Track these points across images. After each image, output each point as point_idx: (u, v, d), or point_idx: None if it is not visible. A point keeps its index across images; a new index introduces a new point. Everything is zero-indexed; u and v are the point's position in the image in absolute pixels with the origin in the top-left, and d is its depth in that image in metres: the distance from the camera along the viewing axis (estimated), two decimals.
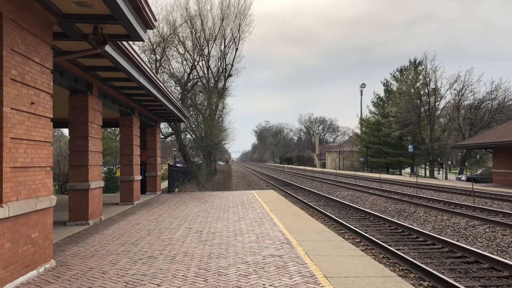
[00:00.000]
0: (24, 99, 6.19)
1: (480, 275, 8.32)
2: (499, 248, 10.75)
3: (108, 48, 8.62)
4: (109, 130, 49.13)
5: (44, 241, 6.83)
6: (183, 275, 6.34)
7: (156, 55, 35.39)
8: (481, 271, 8.58)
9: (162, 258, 7.44)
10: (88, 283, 6.03)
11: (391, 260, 9.53)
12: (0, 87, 5.66)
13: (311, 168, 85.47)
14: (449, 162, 64.65)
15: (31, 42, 6.38)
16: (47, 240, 6.92)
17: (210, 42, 41.78)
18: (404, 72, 63.91)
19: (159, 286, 5.84)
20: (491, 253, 9.95)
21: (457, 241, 11.47)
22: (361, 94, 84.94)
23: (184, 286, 5.81)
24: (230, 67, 44.84)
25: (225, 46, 43.75)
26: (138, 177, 17.59)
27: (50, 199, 6.99)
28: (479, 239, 11.88)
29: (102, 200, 12.88)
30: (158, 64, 35.53)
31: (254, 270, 6.56)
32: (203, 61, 42.60)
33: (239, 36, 44.01)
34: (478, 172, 42.50)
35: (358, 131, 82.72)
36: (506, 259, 9.28)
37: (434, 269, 8.30)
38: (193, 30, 39.89)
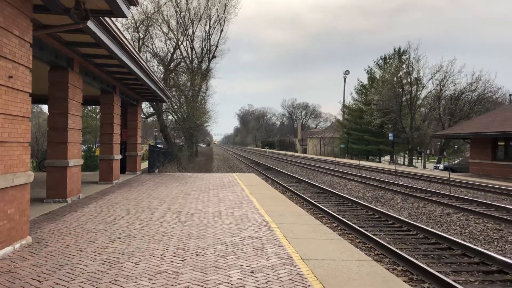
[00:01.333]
0: (2, 72, 6.05)
1: (452, 261, 8.55)
2: (472, 236, 11.04)
3: (90, 24, 8.44)
4: (89, 108, 48.46)
5: (21, 217, 6.75)
6: (161, 255, 6.36)
7: (139, 33, 34.83)
8: (453, 257, 8.82)
9: (140, 238, 7.44)
10: (65, 260, 6.01)
11: (367, 245, 9.71)
12: None
13: (292, 153, 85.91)
14: (428, 151, 65.78)
15: (10, 13, 6.20)
16: (23, 216, 6.85)
17: (194, 22, 41.28)
18: (388, 61, 64.26)
19: (137, 264, 5.85)
20: (464, 240, 10.22)
21: (431, 228, 11.73)
22: (345, 81, 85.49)
23: (162, 265, 5.84)
24: (214, 48, 44.46)
25: (210, 27, 43.31)
26: (118, 156, 17.43)
27: (28, 175, 6.89)
28: (453, 227, 12.18)
29: (80, 178, 12.76)
30: (141, 43, 34.98)
31: (232, 251, 6.62)
32: (187, 41, 42.12)
33: (225, 17, 43.60)
34: (456, 162, 43.30)
35: (340, 118, 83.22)
36: (477, 246, 9.55)
37: (408, 255, 8.50)
38: (178, 9, 39.31)
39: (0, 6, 5.91)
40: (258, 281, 5.22)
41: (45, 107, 52.77)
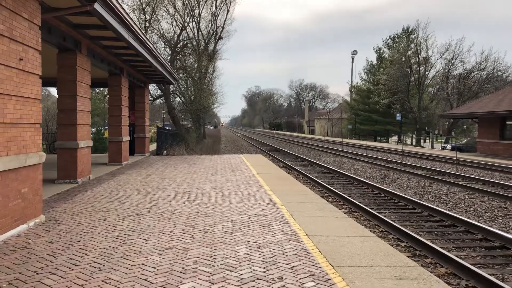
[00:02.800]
0: (13, 55, 6.19)
1: (456, 237, 8.69)
2: (476, 214, 11.15)
3: (97, 6, 8.50)
4: (97, 90, 48.64)
5: (34, 197, 6.97)
6: (170, 231, 6.56)
7: (146, 15, 34.74)
8: (456, 234, 8.96)
9: (150, 216, 7.65)
10: (77, 237, 6.23)
11: (371, 222, 9.87)
12: None
13: (299, 135, 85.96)
14: (436, 131, 65.46)
15: None
16: (37, 196, 7.07)
17: (201, 2, 40.97)
18: (397, 40, 63.57)
19: (147, 241, 6.05)
20: (468, 218, 10.34)
21: (437, 206, 11.85)
22: (352, 61, 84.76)
23: (172, 241, 6.04)
24: (221, 30, 44.19)
25: (216, 8, 42.97)
26: (126, 138, 17.64)
27: (40, 155, 7.09)
28: (458, 205, 12.29)
29: (90, 159, 12.99)
30: (147, 24, 34.92)
31: (239, 228, 6.81)
32: (194, 23, 41.89)
33: None
34: (464, 141, 43.11)
35: (348, 98, 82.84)
36: (481, 223, 9.67)
37: (412, 231, 8.64)
38: None
39: None
40: (264, 255, 5.40)
41: (53, 90, 53.08)
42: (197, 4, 40.65)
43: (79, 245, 5.80)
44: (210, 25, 43.81)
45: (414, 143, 57.38)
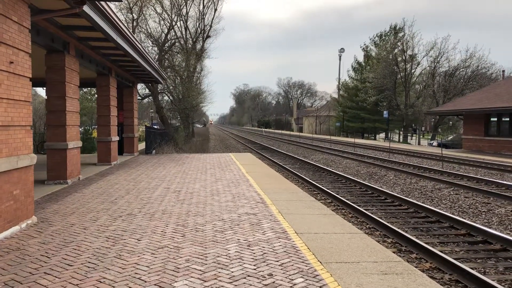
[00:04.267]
0: (3, 58, 6.24)
1: (440, 233, 8.93)
2: (461, 210, 11.43)
3: (86, 8, 8.57)
4: (84, 90, 48.32)
5: (26, 198, 7.03)
6: (162, 231, 6.68)
7: (133, 14, 34.61)
8: (441, 230, 9.20)
9: (141, 216, 7.75)
10: (70, 237, 6.31)
11: (359, 219, 10.08)
12: None
13: (288, 132, 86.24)
14: (423, 128, 66.18)
15: (8, 0, 6.35)
16: (28, 197, 7.13)
17: (188, 1, 40.96)
18: (384, 38, 64.07)
19: (139, 240, 6.16)
20: (453, 214, 10.60)
21: (422, 202, 12.11)
22: (340, 59, 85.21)
23: (163, 240, 6.15)
24: (208, 28, 44.23)
25: (203, 6, 42.99)
26: (115, 138, 17.66)
27: (31, 157, 7.15)
28: (443, 201, 12.56)
29: (80, 160, 13.01)
30: (135, 24, 34.81)
31: (229, 226, 6.94)
32: (181, 21, 41.87)
33: None
34: (449, 138, 43.76)
35: (336, 96, 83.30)
36: (465, 219, 9.93)
37: (398, 228, 8.86)
38: None
39: None
40: (254, 253, 5.55)
41: (40, 90, 52.59)
42: (184, 3, 40.64)
43: (73, 246, 5.89)
44: (197, 24, 43.87)
45: (401, 140, 57.97)
